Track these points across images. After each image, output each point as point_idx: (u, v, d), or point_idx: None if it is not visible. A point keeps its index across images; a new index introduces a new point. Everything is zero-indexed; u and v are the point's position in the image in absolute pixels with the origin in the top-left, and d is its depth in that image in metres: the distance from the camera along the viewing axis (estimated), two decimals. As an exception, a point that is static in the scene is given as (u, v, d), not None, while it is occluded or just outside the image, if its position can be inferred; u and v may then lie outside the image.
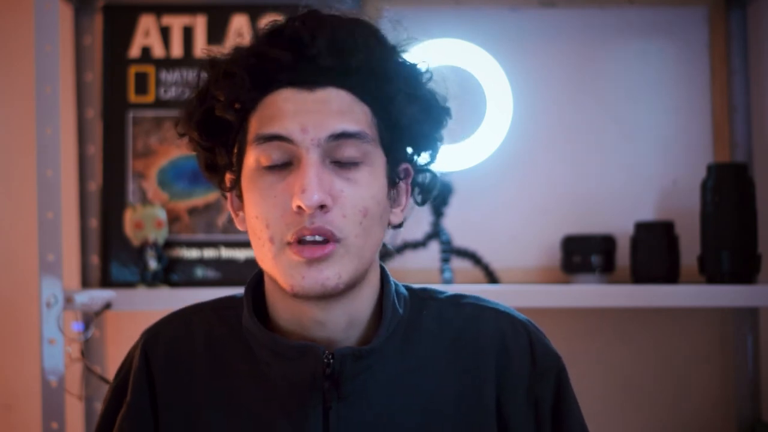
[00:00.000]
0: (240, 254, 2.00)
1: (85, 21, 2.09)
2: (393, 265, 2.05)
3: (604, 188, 2.11)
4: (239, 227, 1.15)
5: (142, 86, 2.03)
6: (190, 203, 2.02)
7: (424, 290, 1.21)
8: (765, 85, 2.05)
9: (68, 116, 2.06)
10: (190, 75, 2.03)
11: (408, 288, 1.20)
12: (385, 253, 1.19)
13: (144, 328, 1.23)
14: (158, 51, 2.04)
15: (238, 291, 1.19)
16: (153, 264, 1.95)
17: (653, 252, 1.94)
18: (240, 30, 2.03)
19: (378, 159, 1.09)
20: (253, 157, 1.08)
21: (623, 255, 2.01)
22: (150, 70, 2.04)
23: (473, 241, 2.08)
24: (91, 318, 1.85)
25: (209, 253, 2.00)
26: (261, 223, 1.07)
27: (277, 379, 1.11)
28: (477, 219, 2.10)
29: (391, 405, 1.11)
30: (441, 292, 1.21)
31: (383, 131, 1.10)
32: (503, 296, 1.83)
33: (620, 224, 2.05)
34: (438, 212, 2.02)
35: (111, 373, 2.03)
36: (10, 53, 2.10)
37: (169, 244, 1.99)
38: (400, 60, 1.12)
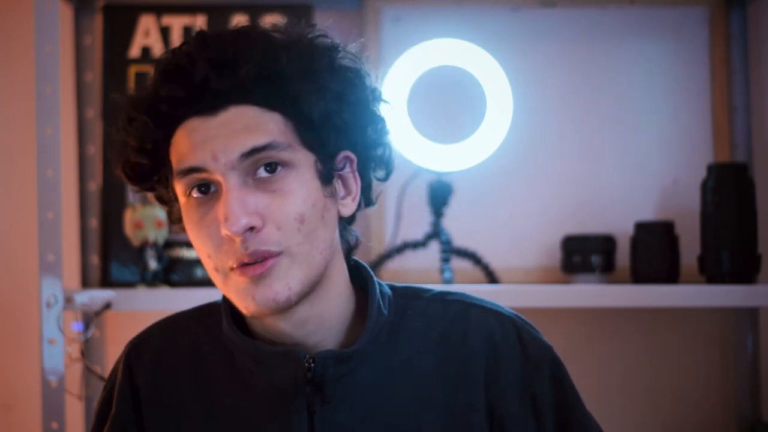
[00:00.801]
0: (240, 254, 2.00)
1: (85, 21, 2.09)
2: (393, 265, 2.05)
3: (604, 188, 2.11)
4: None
5: (142, 86, 2.03)
6: (190, 203, 2.01)
7: (408, 288, 1.19)
8: (765, 85, 2.05)
9: (68, 116, 2.06)
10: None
11: (392, 287, 1.18)
12: (354, 246, 1.17)
13: (144, 328, 1.23)
14: (158, 51, 2.04)
15: (218, 298, 1.18)
16: (153, 264, 1.95)
17: (653, 252, 1.94)
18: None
19: (302, 161, 1.07)
20: (180, 191, 1.07)
21: (623, 255, 2.01)
22: (150, 70, 2.03)
23: (473, 241, 2.07)
24: (91, 318, 1.85)
25: (209, 253, 2.00)
26: (203, 254, 1.07)
27: (260, 385, 1.11)
28: (477, 219, 2.10)
29: (376, 407, 1.11)
30: (427, 290, 1.19)
31: (302, 131, 1.07)
32: (503, 296, 1.84)
33: (620, 224, 2.05)
34: (438, 212, 2.02)
35: (111, 373, 2.03)
36: (10, 53, 2.10)
37: (169, 244, 1.99)
38: (296, 55, 1.06)
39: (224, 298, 1.14)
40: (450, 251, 2.01)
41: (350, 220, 1.15)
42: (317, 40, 1.09)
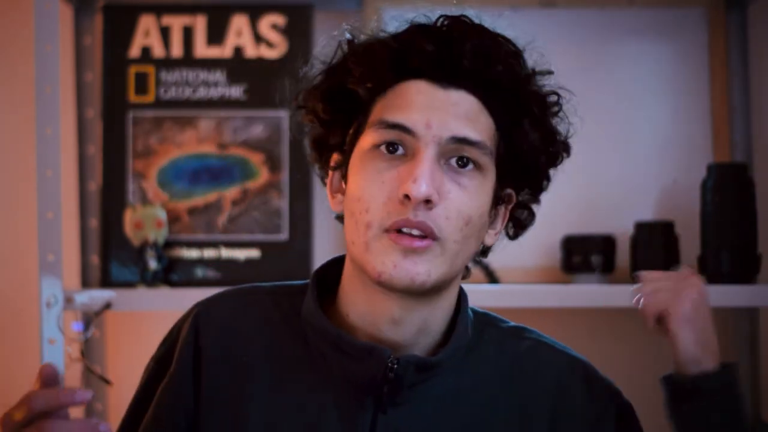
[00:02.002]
0: (240, 254, 2.00)
1: (85, 21, 2.09)
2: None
3: (604, 188, 2.11)
4: (334, 209, 1.14)
5: (142, 86, 2.03)
6: (190, 203, 2.02)
7: (486, 315, 1.20)
8: (764, 86, 2.05)
9: (68, 116, 2.06)
10: (191, 75, 2.03)
11: (473, 310, 1.18)
12: (467, 275, 1.18)
13: (144, 327, 1.23)
14: (158, 51, 2.04)
15: (296, 281, 1.18)
16: (153, 264, 1.95)
17: (653, 252, 1.94)
18: (240, 30, 2.03)
19: (489, 173, 1.09)
20: (369, 140, 1.07)
21: (623, 255, 2.01)
22: (150, 70, 2.04)
23: (473, 241, 2.07)
24: (91, 318, 1.85)
25: (209, 253, 2.00)
26: (362, 206, 1.06)
27: (332, 374, 1.10)
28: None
29: (439, 421, 1.10)
30: (504, 321, 1.20)
31: (501, 149, 1.09)
32: (503, 296, 1.84)
33: (620, 224, 2.05)
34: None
35: (111, 373, 2.03)
36: (10, 53, 2.10)
37: (169, 244, 1.99)
38: (536, 86, 1.12)
39: (312, 281, 1.13)
40: (450, 251, 2.01)
41: (481, 253, 1.16)
42: (552, 85, 1.14)
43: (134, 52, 2.04)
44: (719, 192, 1.88)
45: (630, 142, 2.12)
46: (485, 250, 1.17)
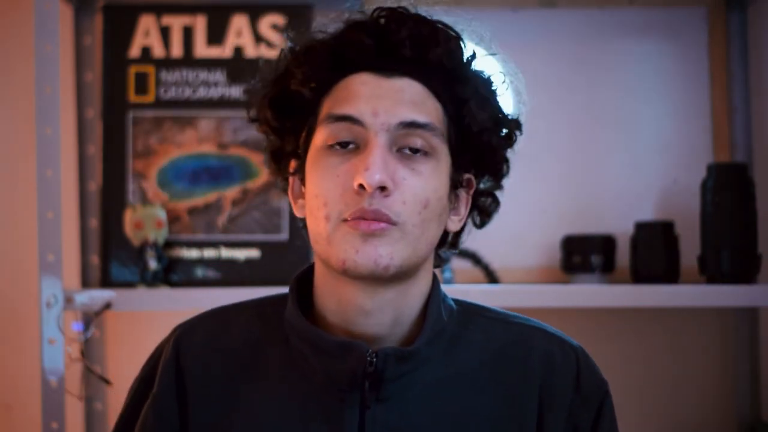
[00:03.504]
0: (240, 254, 2.00)
1: (85, 21, 2.09)
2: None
3: (604, 188, 2.11)
4: (297, 214, 1.15)
5: (142, 86, 2.03)
6: (190, 203, 2.02)
7: (473, 305, 1.20)
8: (764, 86, 2.05)
9: (68, 116, 2.06)
10: (190, 75, 2.03)
11: (457, 302, 1.19)
12: (440, 263, 1.19)
13: (144, 327, 1.23)
14: (158, 51, 2.04)
15: (283, 290, 1.18)
16: (153, 264, 1.95)
17: (653, 252, 1.94)
18: (240, 30, 2.03)
19: (443, 156, 1.10)
20: (321, 138, 1.08)
21: (623, 255, 2.01)
22: (150, 70, 2.04)
23: (473, 241, 2.06)
24: (91, 318, 1.85)
25: (209, 253, 2.00)
26: (320, 201, 1.07)
27: (315, 375, 1.10)
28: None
29: (428, 412, 1.10)
30: (491, 310, 1.20)
31: (452, 132, 1.11)
32: (503, 296, 1.84)
33: (620, 224, 2.05)
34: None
35: (111, 373, 2.03)
36: (10, 53, 2.10)
37: (169, 244, 1.99)
38: (479, 67, 1.13)
39: (292, 284, 1.14)
40: (450, 251, 2.01)
41: (447, 240, 1.17)
42: (496, 65, 1.15)
43: (134, 52, 2.04)
44: (719, 192, 1.88)
45: (630, 142, 2.12)
46: (454, 240, 1.18)
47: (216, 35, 2.04)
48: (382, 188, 1.04)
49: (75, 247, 2.06)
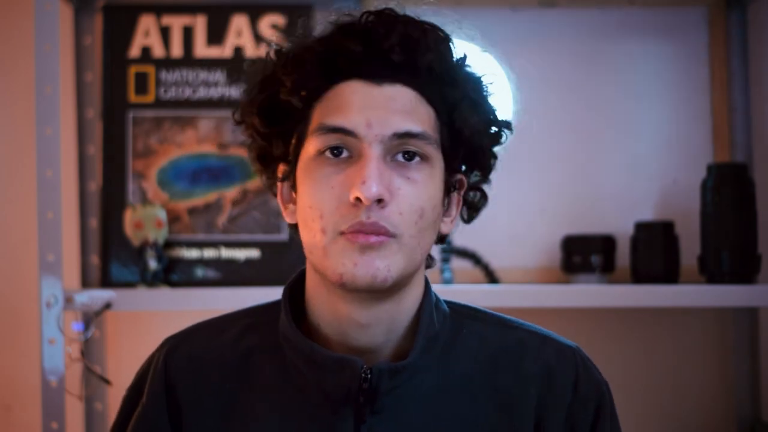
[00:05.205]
0: (240, 254, 2.00)
1: (85, 21, 2.09)
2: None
3: (604, 188, 2.11)
4: (287, 220, 1.14)
5: (142, 86, 2.03)
6: (190, 203, 2.02)
7: (467, 308, 1.19)
8: (765, 86, 2.05)
9: (68, 116, 2.06)
10: (191, 75, 2.03)
11: (451, 304, 1.18)
12: (428, 266, 1.18)
13: (144, 327, 1.23)
14: (158, 51, 2.04)
15: (273, 299, 1.18)
16: (153, 264, 1.95)
17: (653, 252, 1.94)
18: (240, 30, 2.03)
19: (437, 163, 1.09)
20: (313, 147, 1.07)
21: (623, 255, 2.01)
22: (150, 70, 2.04)
23: (473, 241, 2.07)
24: (91, 318, 1.85)
25: (209, 253, 2.00)
26: (315, 212, 1.06)
27: (309, 388, 1.10)
28: (477, 219, 2.09)
29: (423, 421, 1.10)
30: (486, 312, 1.19)
31: (445, 136, 1.10)
32: (503, 296, 1.84)
33: (620, 224, 2.05)
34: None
35: (111, 373, 2.03)
36: (10, 53, 2.10)
37: (169, 244, 1.99)
38: (469, 69, 1.12)
39: (284, 297, 1.13)
40: (450, 251, 2.01)
41: (438, 241, 1.16)
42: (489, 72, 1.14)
43: (134, 52, 2.04)
44: (719, 192, 1.88)
45: (630, 142, 2.12)
46: (442, 238, 1.17)
47: (216, 35, 2.04)
48: (379, 200, 1.03)
49: (75, 247, 2.06)
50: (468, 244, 2.07)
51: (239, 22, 2.04)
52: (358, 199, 1.02)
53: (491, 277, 2.05)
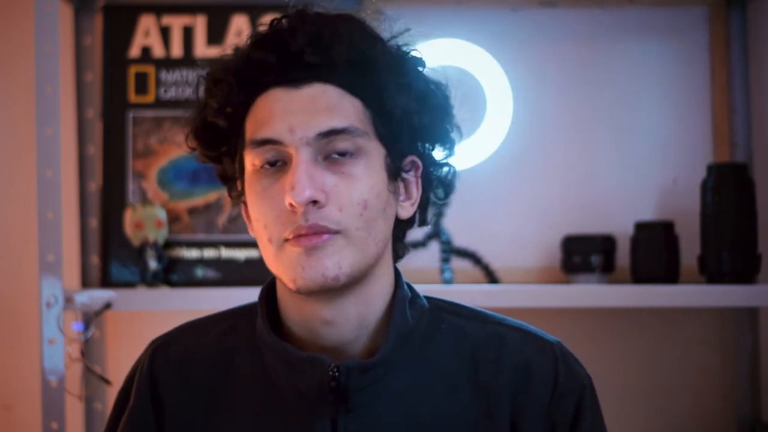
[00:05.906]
0: (240, 254, 2.00)
1: (85, 21, 2.09)
2: (393, 265, 2.05)
3: (604, 188, 2.11)
4: (251, 234, 1.15)
5: (142, 86, 2.03)
6: (190, 203, 2.02)
7: (446, 302, 1.19)
8: (765, 86, 2.05)
9: (68, 116, 2.06)
10: (191, 75, 2.03)
11: (429, 299, 1.18)
12: (401, 255, 1.17)
13: (144, 328, 1.23)
14: (158, 51, 2.04)
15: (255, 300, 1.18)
16: (153, 264, 1.95)
17: (653, 252, 1.94)
18: (240, 30, 2.03)
19: (374, 151, 1.08)
20: (249, 162, 1.09)
21: (623, 255, 2.01)
22: (150, 70, 2.04)
23: (473, 241, 2.07)
24: (91, 318, 1.85)
25: (209, 253, 2.00)
26: (260, 224, 1.08)
27: (286, 389, 1.11)
28: (477, 219, 2.10)
29: (399, 419, 1.10)
30: (466, 307, 1.19)
31: (378, 124, 1.09)
32: (503, 296, 1.84)
33: (620, 224, 2.05)
34: (438, 212, 2.02)
35: (111, 373, 2.03)
36: (10, 53, 2.10)
37: (169, 244, 1.99)
38: (390, 51, 1.11)
39: (260, 299, 1.15)
40: (450, 251, 2.01)
41: (406, 227, 1.16)
42: (410, 46, 1.13)
43: (134, 52, 2.04)
44: (719, 192, 1.88)
45: (630, 142, 2.12)
46: (422, 218, 1.17)
47: (216, 35, 2.04)
48: (315, 201, 1.04)
49: (75, 247, 2.06)
50: (468, 244, 2.07)
51: (239, 22, 2.04)
52: (292, 205, 1.04)
53: (491, 277, 2.05)
